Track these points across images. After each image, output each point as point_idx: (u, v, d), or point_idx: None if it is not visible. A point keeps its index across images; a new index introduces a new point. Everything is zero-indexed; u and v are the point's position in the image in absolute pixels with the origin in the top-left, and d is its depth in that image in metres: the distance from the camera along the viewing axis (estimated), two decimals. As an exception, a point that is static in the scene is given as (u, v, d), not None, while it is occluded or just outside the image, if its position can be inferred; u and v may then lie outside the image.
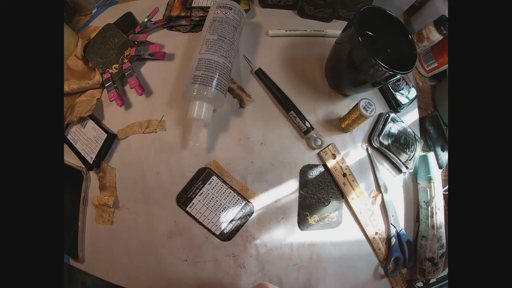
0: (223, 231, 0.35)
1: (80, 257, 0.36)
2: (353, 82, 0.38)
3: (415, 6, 0.52)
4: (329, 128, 0.41)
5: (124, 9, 0.47)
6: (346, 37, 0.34)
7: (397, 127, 0.42)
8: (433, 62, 0.47)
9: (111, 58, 0.41)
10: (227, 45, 0.36)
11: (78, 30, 0.48)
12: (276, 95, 0.40)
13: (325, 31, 0.45)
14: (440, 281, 0.42)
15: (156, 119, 0.39)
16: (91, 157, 0.37)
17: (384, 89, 0.44)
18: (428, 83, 0.51)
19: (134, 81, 0.38)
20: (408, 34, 0.35)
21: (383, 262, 0.39)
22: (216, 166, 0.37)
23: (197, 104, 0.34)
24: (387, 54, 0.37)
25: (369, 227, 0.38)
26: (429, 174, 0.41)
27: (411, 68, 0.33)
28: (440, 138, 0.46)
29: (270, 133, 0.39)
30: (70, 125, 0.40)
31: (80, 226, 0.36)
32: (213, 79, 0.34)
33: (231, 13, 0.38)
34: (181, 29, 0.44)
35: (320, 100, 0.42)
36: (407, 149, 0.42)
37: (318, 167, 0.39)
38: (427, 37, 0.43)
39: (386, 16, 0.36)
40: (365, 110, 0.35)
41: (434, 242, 0.39)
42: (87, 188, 0.38)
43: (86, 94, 0.41)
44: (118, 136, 0.38)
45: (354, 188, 0.38)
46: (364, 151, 0.41)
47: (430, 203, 0.40)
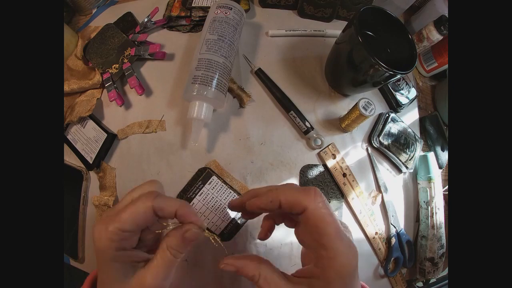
0: (223, 231, 0.35)
1: (80, 257, 0.36)
2: (353, 82, 0.38)
3: (415, 6, 0.52)
4: (329, 128, 0.41)
5: (124, 9, 0.47)
6: (346, 37, 0.34)
7: (397, 127, 0.42)
8: (433, 62, 0.47)
9: (111, 58, 0.41)
10: (227, 45, 0.36)
11: (78, 30, 0.48)
12: (276, 95, 0.40)
13: (325, 31, 0.45)
14: (440, 281, 0.42)
15: (156, 119, 0.39)
16: (91, 157, 0.37)
17: (384, 89, 0.44)
18: (428, 83, 0.51)
19: (134, 81, 0.38)
20: (408, 34, 0.35)
21: (383, 262, 0.39)
22: (216, 166, 0.37)
23: (197, 104, 0.34)
24: (387, 54, 0.37)
25: (369, 227, 0.38)
26: (429, 174, 0.41)
27: (411, 68, 0.33)
28: (440, 138, 0.46)
29: (270, 133, 0.39)
30: (70, 125, 0.40)
31: (80, 226, 0.36)
32: (213, 79, 0.34)
33: (231, 13, 0.38)
34: (181, 29, 0.44)
35: (320, 100, 0.42)
36: (407, 149, 0.42)
37: (318, 167, 0.39)
38: (427, 37, 0.43)
39: (386, 16, 0.36)
40: (364, 110, 0.35)
41: (434, 242, 0.39)
42: (87, 188, 0.38)
43: (86, 94, 0.41)
44: (118, 136, 0.38)
45: (354, 188, 0.38)
46: (364, 151, 0.41)
47: (430, 203, 0.40)
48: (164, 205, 0.21)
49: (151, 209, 0.20)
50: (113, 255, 0.20)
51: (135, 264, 0.21)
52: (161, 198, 0.21)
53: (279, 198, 0.21)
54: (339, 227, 0.20)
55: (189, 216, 0.22)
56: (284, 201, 0.21)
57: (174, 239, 0.22)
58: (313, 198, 0.20)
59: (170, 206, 0.21)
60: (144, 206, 0.20)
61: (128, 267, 0.21)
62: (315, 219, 0.20)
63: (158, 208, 0.20)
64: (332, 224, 0.20)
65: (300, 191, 0.21)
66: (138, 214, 0.20)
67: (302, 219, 0.21)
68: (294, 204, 0.20)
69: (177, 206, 0.21)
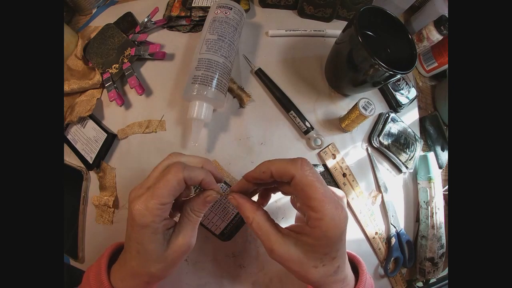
0: (223, 231, 0.35)
1: (80, 257, 0.36)
2: (353, 82, 0.38)
3: (415, 6, 0.52)
4: (329, 128, 0.41)
5: (124, 9, 0.47)
6: (346, 37, 0.34)
7: (397, 127, 0.42)
8: (433, 62, 0.47)
9: (111, 58, 0.41)
10: (227, 45, 0.36)
11: (78, 30, 0.48)
12: (276, 95, 0.40)
13: (325, 31, 0.45)
14: (440, 281, 0.42)
15: (156, 119, 0.39)
16: (91, 157, 0.37)
17: (384, 89, 0.44)
18: (428, 83, 0.51)
19: (134, 81, 0.38)
20: (408, 34, 0.35)
21: (383, 262, 0.39)
22: (216, 166, 0.37)
23: (197, 104, 0.34)
24: (387, 54, 0.37)
25: (369, 227, 0.38)
26: (429, 174, 0.41)
27: (411, 68, 0.33)
28: (440, 138, 0.46)
29: (270, 133, 0.39)
30: (70, 125, 0.40)
31: (80, 226, 0.36)
32: (213, 79, 0.34)
33: (231, 13, 0.38)
34: (181, 29, 0.44)
35: (320, 100, 0.42)
36: (407, 149, 0.42)
37: (318, 167, 0.39)
38: (427, 37, 0.43)
39: (386, 16, 0.36)
40: (364, 110, 0.35)
41: (434, 242, 0.39)
42: (87, 188, 0.38)
43: (86, 94, 0.41)
44: (118, 136, 0.38)
45: (354, 188, 0.38)
46: (364, 151, 0.41)
47: (430, 203, 0.40)
48: (193, 174, 0.24)
49: (183, 180, 0.23)
50: (155, 227, 0.23)
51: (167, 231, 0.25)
52: (188, 168, 0.24)
53: (270, 169, 0.23)
54: (326, 191, 0.22)
55: (211, 185, 0.25)
56: (274, 170, 0.23)
57: (197, 204, 0.26)
58: (299, 166, 0.22)
59: (197, 176, 0.24)
60: (176, 178, 0.23)
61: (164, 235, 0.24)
62: (302, 185, 0.21)
63: (188, 178, 0.23)
64: (320, 189, 0.21)
65: (288, 161, 0.23)
66: (173, 186, 0.22)
67: (292, 186, 0.22)
68: (283, 173, 0.22)
69: (203, 175, 0.24)
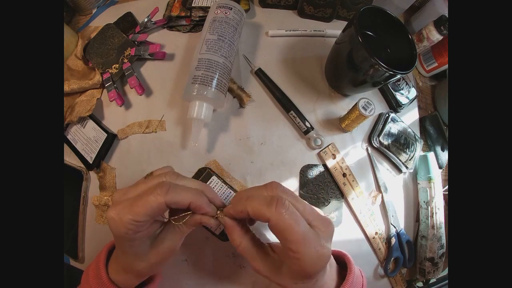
0: (223, 231, 0.35)
1: (80, 257, 0.36)
2: (353, 82, 0.38)
3: (415, 6, 0.52)
4: (329, 128, 0.41)
5: (124, 9, 0.47)
6: (346, 37, 0.34)
7: (397, 127, 0.42)
8: (433, 62, 0.47)
9: (111, 58, 0.41)
10: (227, 45, 0.36)
11: (78, 30, 0.48)
12: (276, 95, 0.39)
13: (325, 31, 0.45)
14: (440, 281, 0.42)
15: (156, 119, 0.39)
16: (91, 157, 0.37)
17: (384, 89, 0.44)
18: (428, 83, 0.51)
19: (134, 81, 0.38)
20: (408, 34, 0.35)
21: (383, 262, 0.39)
22: (216, 166, 0.37)
23: (197, 104, 0.34)
24: (387, 54, 0.37)
25: (369, 227, 0.38)
26: (429, 174, 0.41)
27: (411, 68, 0.33)
28: (440, 138, 0.46)
29: (270, 133, 0.39)
30: (70, 125, 0.40)
31: (80, 226, 0.36)
32: (213, 79, 0.34)
33: (231, 13, 0.38)
34: (181, 29, 0.44)
35: (320, 100, 0.42)
36: (407, 149, 0.42)
37: (318, 167, 0.39)
38: (427, 37, 0.43)
39: (386, 16, 0.36)
40: (364, 110, 0.35)
41: (434, 242, 0.39)
42: (87, 188, 0.38)
43: (86, 94, 0.41)
44: (118, 136, 0.38)
45: (354, 188, 0.38)
46: (364, 151, 0.41)
47: (430, 203, 0.40)
48: (177, 199, 0.22)
49: (164, 204, 0.22)
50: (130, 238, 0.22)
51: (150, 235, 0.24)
52: (174, 191, 0.22)
53: (247, 209, 0.23)
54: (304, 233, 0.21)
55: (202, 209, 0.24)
56: (251, 212, 0.23)
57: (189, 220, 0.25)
58: (274, 209, 0.21)
59: (183, 200, 0.23)
60: (157, 201, 0.22)
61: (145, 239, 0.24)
62: (279, 229, 0.21)
63: (171, 202, 0.22)
64: (297, 232, 0.21)
65: (262, 204, 0.22)
66: (151, 208, 0.22)
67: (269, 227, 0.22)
68: (259, 216, 0.22)
69: (190, 199, 0.23)
